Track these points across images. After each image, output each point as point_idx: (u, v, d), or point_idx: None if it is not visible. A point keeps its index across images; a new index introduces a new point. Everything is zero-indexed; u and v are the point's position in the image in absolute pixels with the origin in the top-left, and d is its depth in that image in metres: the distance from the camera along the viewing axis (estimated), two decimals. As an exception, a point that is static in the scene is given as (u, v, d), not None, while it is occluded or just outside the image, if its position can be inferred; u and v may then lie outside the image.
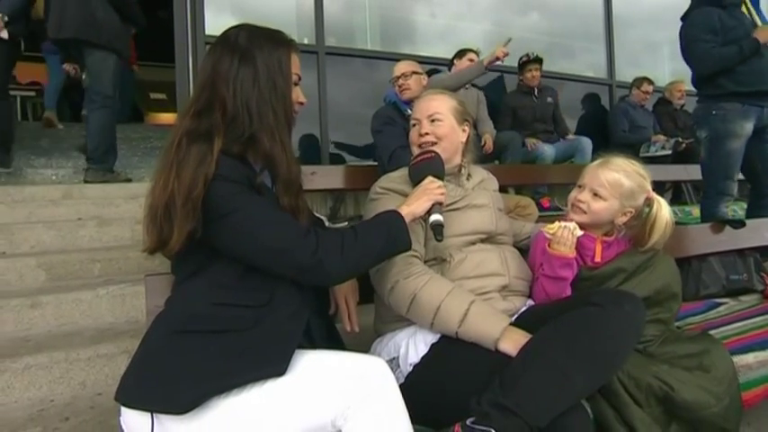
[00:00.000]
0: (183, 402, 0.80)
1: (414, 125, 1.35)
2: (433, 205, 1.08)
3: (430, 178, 1.13)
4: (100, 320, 1.88)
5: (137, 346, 0.93)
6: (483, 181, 1.39)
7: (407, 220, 1.03)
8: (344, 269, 0.94)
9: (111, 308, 1.92)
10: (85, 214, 2.71)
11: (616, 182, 1.25)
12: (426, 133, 1.29)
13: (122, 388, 0.87)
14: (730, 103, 2.39)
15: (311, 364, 0.87)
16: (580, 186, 1.31)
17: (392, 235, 0.99)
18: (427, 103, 1.34)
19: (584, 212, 1.27)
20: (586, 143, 3.58)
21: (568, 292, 1.22)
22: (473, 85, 3.46)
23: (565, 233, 1.19)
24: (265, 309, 0.91)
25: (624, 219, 1.28)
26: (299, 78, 1.05)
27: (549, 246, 1.21)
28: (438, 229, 1.06)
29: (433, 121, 1.30)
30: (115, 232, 2.55)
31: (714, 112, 2.44)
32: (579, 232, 1.20)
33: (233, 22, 1.04)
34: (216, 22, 3.16)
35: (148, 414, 0.83)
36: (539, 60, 3.69)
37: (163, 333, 0.90)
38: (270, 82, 0.98)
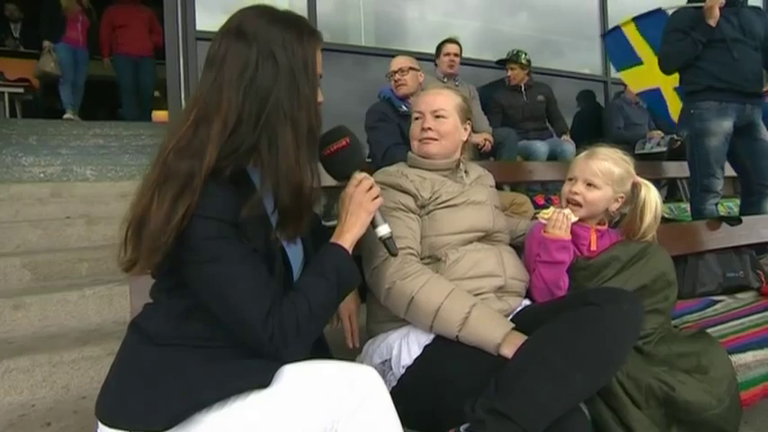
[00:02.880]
0: (162, 419, 0.75)
1: (416, 119, 1.30)
2: (372, 218, 0.96)
3: (356, 176, 0.97)
4: (86, 321, 1.84)
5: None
6: (480, 177, 1.36)
7: (351, 249, 0.92)
8: (299, 350, 0.85)
9: (97, 308, 1.88)
10: (74, 213, 2.67)
11: (607, 170, 1.29)
12: (429, 128, 1.26)
13: (100, 402, 0.83)
14: (707, 102, 2.44)
15: (297, 375, 0.81)
16: (571, 180, 1.33)
17: (343, 280, 0.89)
18: (433, 98, 1.30)
19: (580, 204, 1.29)
20: (569, 152, 3.47)
21: (566, 279, 1.22)
22: (465, 80, 3.42)
23: (559, 216, 1.22)
24: None
25: (617, 205, 1.32)
26: (320, 77, 0.91)
27: (544, 231, 1.22)
28: (390, 243, 0.96)
29: (437, 117, 1.27)
30: (104, 231, 2.51)
31: (692, 111, 2.49)
32: (573, 217, 1.23)
33: (224, 18, 0.92)
34: (206, 18, 3.11)
35: None
36: (513, 60, 3.60)
37: (140, 345, 0.85)
38: (292, 87, 0.83)
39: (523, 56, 3.63)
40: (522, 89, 3.65)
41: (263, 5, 0.90)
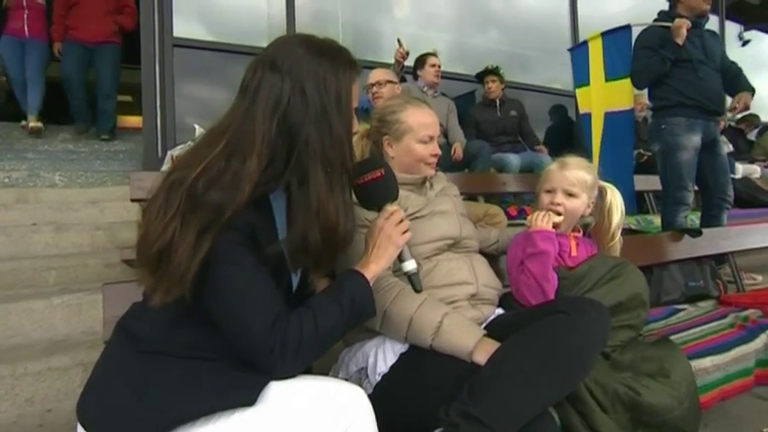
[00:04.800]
0: (145, 431, 0.74)
1: (426, 142, 1.29)
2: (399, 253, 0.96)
3: (387, 209, 0.97)
4: (53, 332, 1.78)
5: (95, 359, 0.86)
6: (444, 188, 1.39)
7: (373, 281, 0.91)
8: (295, 369, 0.81)
9: (66, 318, 1.82)
10: (41, 219, 2.59)
11: (582, 178, 1.37)
12: (437, 155, 1.30)
13: (82, 405, 0.81)
14: (676, 118, 2.56)
15: (285, 394, 0.78)
16: (550, 191, 1.38)
17: (356, 309, 0.87)
18: (436, 120, 1.32)
19: (561, 214, 1.35)
20: (546, 162, 3.54)
21: (554, 274, 1.26)
22: (443, 94, 3.49)
23: (541, 215, 1.30)
24: None
25: (589, 210, 1.40)
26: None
27: (528, 228, 1.29)
28: (415, 279, 0.97)
29: (438, 141, 1.32)
30: (73, 238, 2.44)
31: (663, 127, 2.61)
32: (556, 218, 1.30)
33: (202, 26, 0.90)
34: (183, 26, 3.10)
35: None
36: (495, 72, 3.73)
37: (126, 350, 0.83)
38: (324, 124, 0.81)
39: (501, 70, 3.76)
40: (498, 104, 3.76)
41: (303, 35, 0.88)
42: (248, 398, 0.76)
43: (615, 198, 1.40)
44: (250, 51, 3.34)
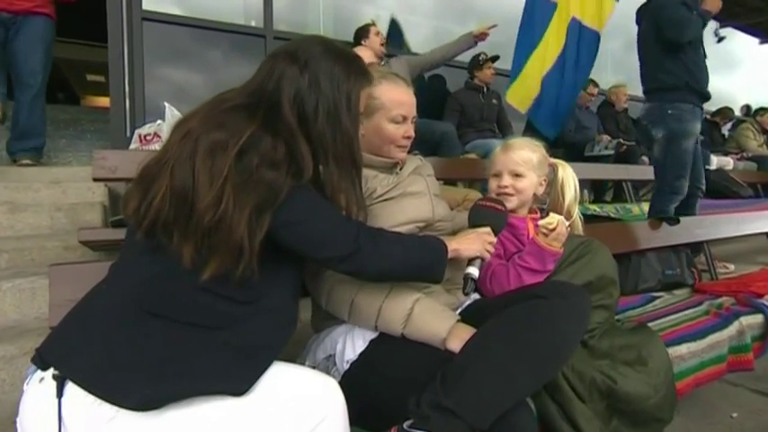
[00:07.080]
0: (134, 401, 0.69)
1: (399, 122, 1.18)
2: (476, 257, 1.04)
3: (488, 230, 1.08)
4: (2, 318, 1.66)
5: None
6: (417, 168, 1.29)
7: (450, 255, 0.97)
8: (379, 263, 0.90)
9: (17, 304, 1.70)
10: (-5, 199, 2.42)
11: (527, 157, 1.32)
12: (410, 137, 1.20)
13: (65, 352, 0.74)
14: (684, 104, 2.45)
15: (266, 382, 0.78)
16: (496, 175, 1.34)
17: (430, 258, 0.95)
18: (412, 99, 1.22)
19: (512, 194, 1.31)
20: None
21: None
22: (392, 56, 3.35)
23: (564, 230, 1.20)
24: (248, 307, 0.81)
25: (542, 189, 1.36)
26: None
27: (545, 242, 1.19)
28: (469, 283, 1.03)
29: (412, 122, 1.22)
30: (31, 220, 2.29)
31: (670, 112, 2.46)
32: (565, 223, 1.23)
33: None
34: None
35: (55, 400, 0.70)
36: (492, 59, 3.71)
37: (126, 307, 0.77)
38: (335, 119, 0.88)
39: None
40: (485, 90, 3.72)
41: (323, 37, 0.95)
42: (239, 388, 0.75)
43: (567, 173, 1.38)
44: (224, 29, 3.22)
